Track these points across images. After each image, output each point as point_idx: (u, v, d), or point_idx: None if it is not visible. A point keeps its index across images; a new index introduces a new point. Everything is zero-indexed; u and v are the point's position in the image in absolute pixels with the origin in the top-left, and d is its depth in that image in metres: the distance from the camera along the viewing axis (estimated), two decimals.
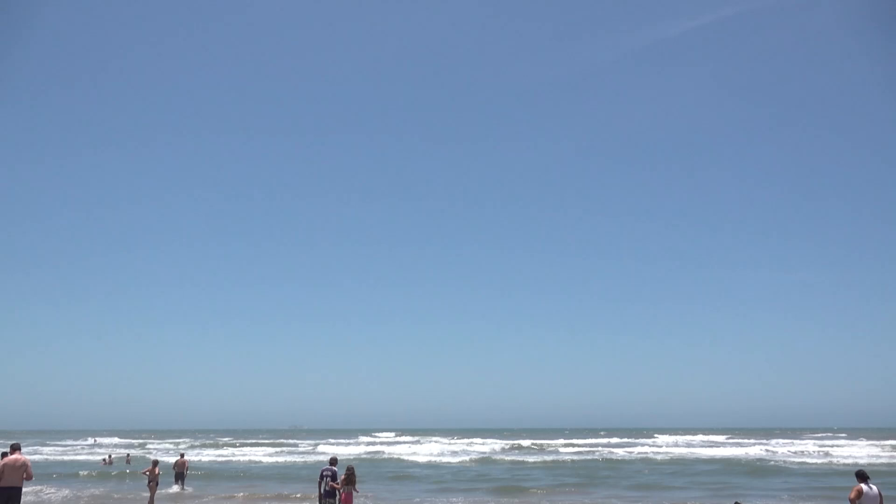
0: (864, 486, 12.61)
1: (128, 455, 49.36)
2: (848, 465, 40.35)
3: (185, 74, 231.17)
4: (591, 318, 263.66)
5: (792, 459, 45.13)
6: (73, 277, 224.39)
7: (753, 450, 56.82)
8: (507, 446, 68.16)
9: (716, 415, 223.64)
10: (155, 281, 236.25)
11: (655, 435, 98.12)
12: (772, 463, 42.90)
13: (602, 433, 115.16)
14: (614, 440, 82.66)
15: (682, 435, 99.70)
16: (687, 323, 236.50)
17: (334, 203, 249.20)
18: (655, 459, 47.58)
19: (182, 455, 29.84)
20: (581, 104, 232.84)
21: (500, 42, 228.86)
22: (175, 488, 27.57)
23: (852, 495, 12.46)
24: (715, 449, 61.00)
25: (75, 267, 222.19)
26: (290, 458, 53.03)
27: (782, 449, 57.99)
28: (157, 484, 23.72)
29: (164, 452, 59.51)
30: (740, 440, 80.00)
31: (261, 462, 50.08)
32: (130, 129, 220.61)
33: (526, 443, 73.65)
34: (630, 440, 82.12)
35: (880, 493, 12.77)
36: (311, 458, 51.79)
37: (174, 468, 28.43)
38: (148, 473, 23.78)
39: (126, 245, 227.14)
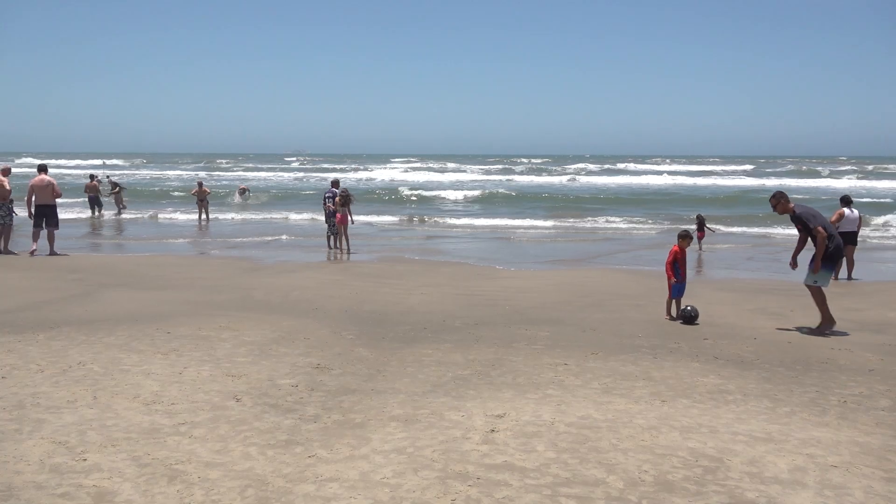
0: (846, 210, 13.03)
1: (108, 177, 52.84)
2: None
3: None
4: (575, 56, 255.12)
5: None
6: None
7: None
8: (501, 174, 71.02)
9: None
10: (167, 16, 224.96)
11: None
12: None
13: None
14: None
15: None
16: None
17: None
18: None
19: (200, 184, 26.12)
20: None
21: None
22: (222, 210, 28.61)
23: (834, 218, 12.61)
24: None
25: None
26: (316, 184, 54.97)
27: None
28: (207, 203, 25.87)
29: (169, 178, 61.56)
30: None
31: (284, 182, 52.14)
32: None
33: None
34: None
35: (860, 216, 13.40)
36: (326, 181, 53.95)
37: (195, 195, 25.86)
38: (196, 193, 25.85)
39: None
